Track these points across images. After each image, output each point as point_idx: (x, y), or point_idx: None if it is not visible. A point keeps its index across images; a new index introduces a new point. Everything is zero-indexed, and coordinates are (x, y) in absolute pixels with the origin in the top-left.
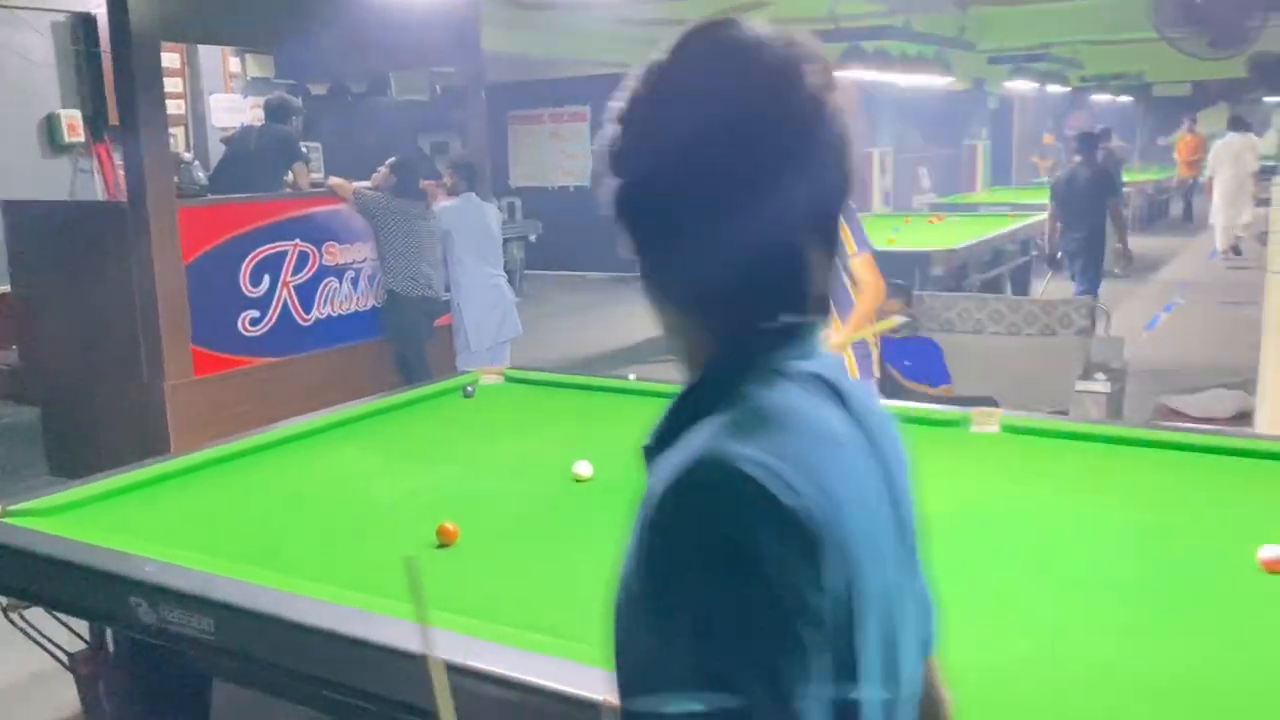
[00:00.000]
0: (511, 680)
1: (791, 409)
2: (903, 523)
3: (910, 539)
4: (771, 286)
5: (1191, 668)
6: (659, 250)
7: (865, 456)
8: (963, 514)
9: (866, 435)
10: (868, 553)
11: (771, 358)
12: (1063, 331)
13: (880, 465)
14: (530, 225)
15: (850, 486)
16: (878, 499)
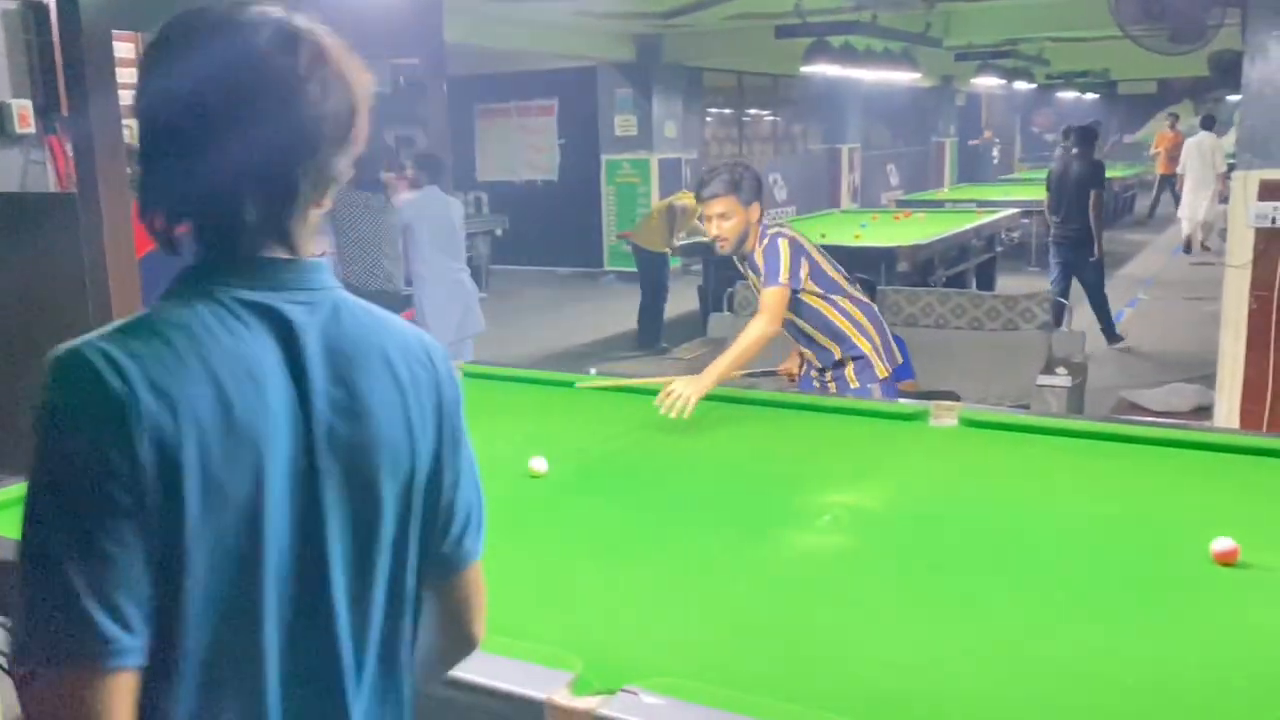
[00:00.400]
0: (455, 680)
1: (179, 324)
2: (357, 449)
3: (401, 462)
4: (210, 224)
5: (1145, 658)
6: (143, 179)
7: (275, 382)
8: (920, 508)
9: (298, 368)
10: (224, 455)
11: (206, 282)
12: (1025, 326)
13: (300, 395)
14: (497, 220)
15: (207, 393)
16: (274, 421)
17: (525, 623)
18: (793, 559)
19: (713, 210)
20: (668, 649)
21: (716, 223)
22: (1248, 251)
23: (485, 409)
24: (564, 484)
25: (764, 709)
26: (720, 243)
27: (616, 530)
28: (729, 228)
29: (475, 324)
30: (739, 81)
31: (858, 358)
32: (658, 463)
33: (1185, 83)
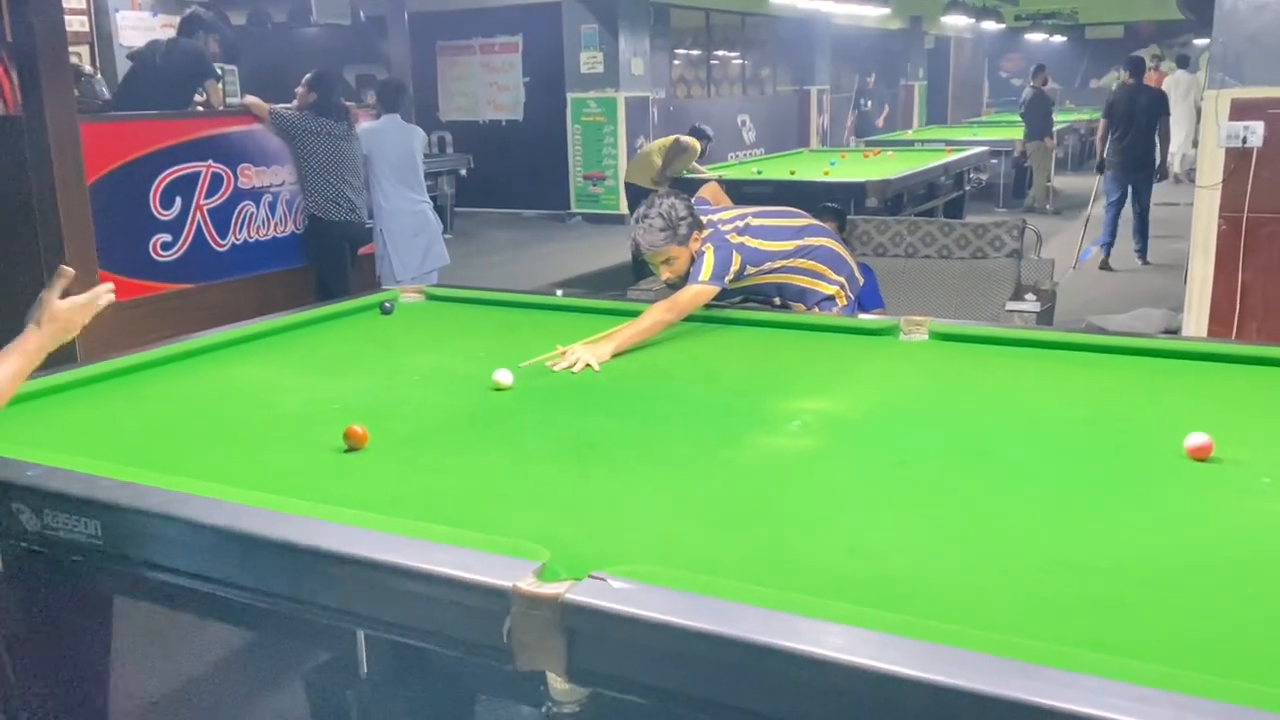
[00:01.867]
0: (422, 572)
1: None
2: None
3: None
4: None
5: (1120, 545)
6: None
7: None
8: (890, 413)
9: None
10: None
11: None
12: (994, 254)
13: None
14: (461, 159)
15: None
16: None
17: (493, 519)
18: (763, 459)
19: (658, 259)
20: (638, 541)
21: (664, 269)
22: (1218, 172)
23: (450, 329)
24: (533, 397)
25: (732, 591)
26: (673, 279)
27: (587, 437)
28: (678, 268)
29: (439, 257)
30: (707, 20)
31: (822, 301)
32: (627, 376)
33: (1152, 27)
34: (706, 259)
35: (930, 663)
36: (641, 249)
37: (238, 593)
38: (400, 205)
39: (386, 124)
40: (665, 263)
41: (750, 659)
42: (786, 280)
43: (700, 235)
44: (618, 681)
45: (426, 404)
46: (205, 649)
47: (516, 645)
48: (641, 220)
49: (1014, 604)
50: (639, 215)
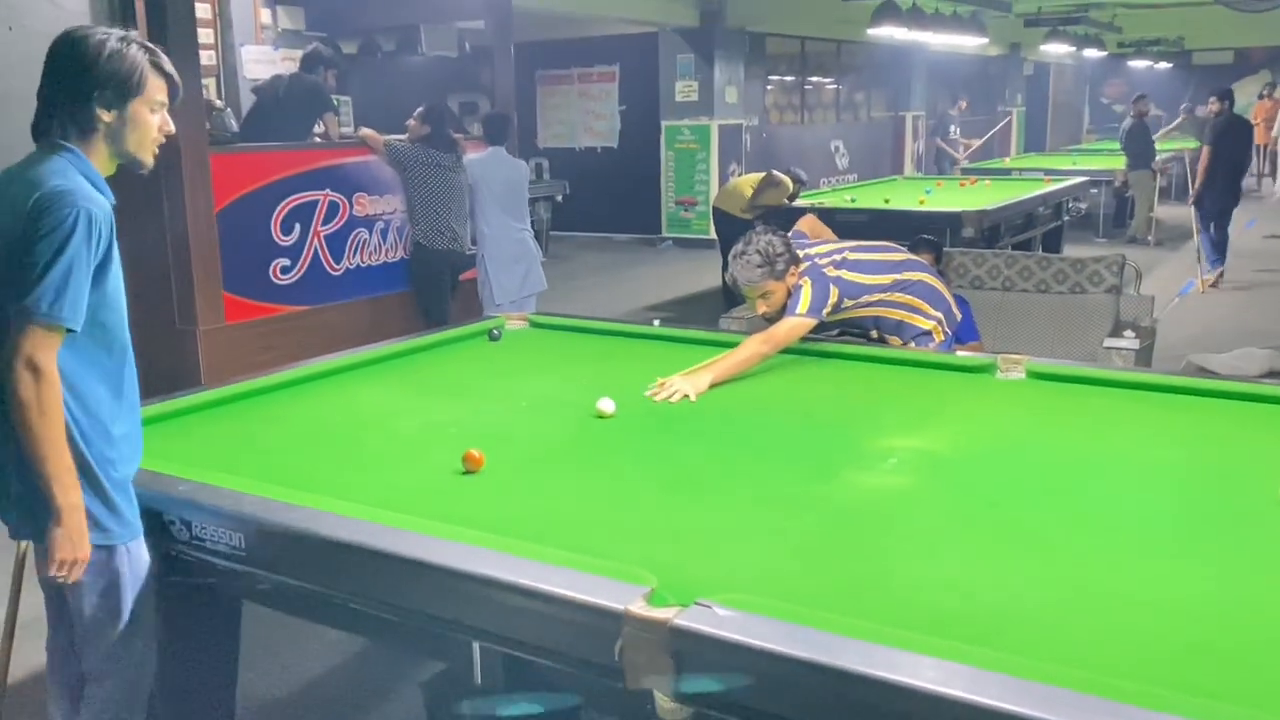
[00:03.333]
0: (539, 592)
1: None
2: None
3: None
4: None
5: (1209, 589)
6: None
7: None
8: (985, 452)
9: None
10: None
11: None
12: (1092, 289)
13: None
14: (557, 185)
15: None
16: None
17: (601, 543)
18: (859, 495)
19: (755, 294)
20: (738, 571)
21: (760, 303)
22: None
23: (554, 356)
24: (634, 425)
25: (830, 623)
26: (770, 313)
27: (687, 466)
28: (773, 302)
29: (538, 282)
30: (802, 47)
31: (919, 336)
32: (725, 407)
33: (1263, 52)
34: (805, 292)
35: (1022, 697)
36: (739, 284)
37: (366, 603)
38: (502, 233)
39: (492, 156)
40: (762, 297)
41: (848, 688)
42: (883, 314)
43: (797, 270)
44: (720, 703)
45: (535, 429)
46: (324, 654)
47: (627, 665)
48: (739, 256)
49: (1103, 643)
50: (737, 251)
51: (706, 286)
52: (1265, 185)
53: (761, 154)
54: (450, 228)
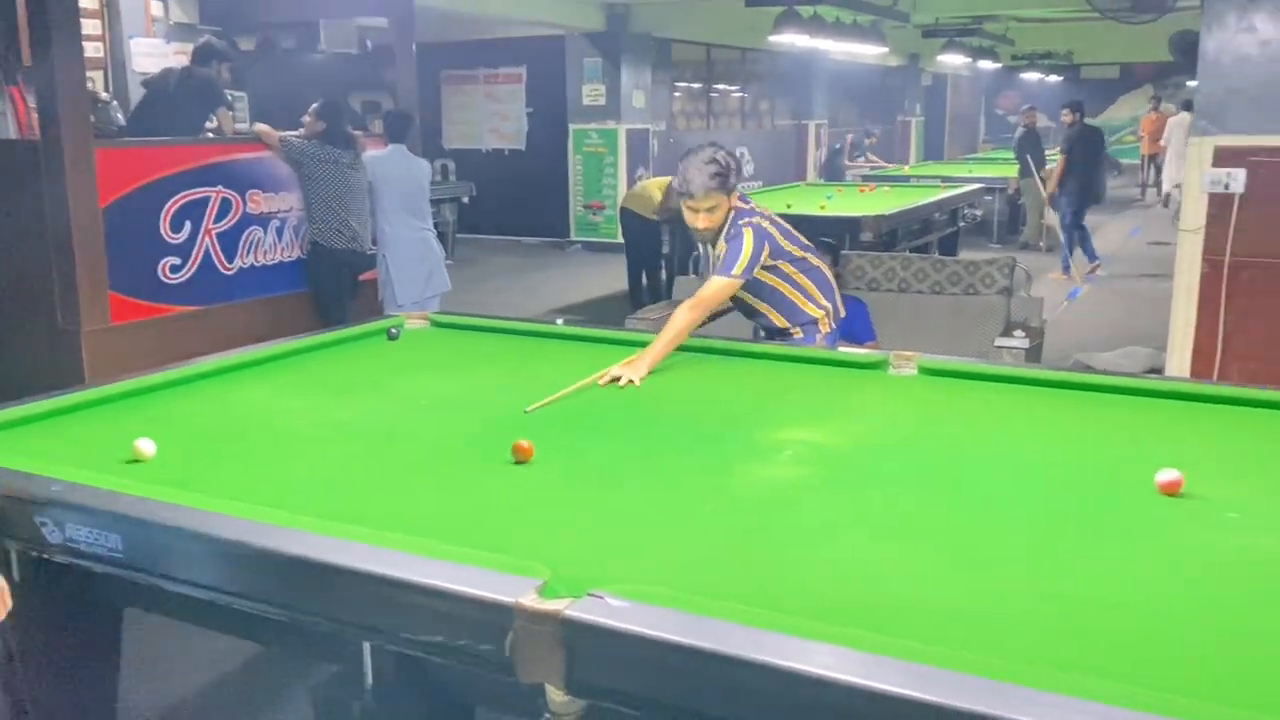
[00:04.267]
0: (430, 588)
1: None
2: None
3: None
4: None
5: (1090, 574)
6: None
7: None
8: (878, 445)
9: None
10: None
11: None
12: (984, 291)
13: None
14: (463, 187)
15: None
16: None
17: (499, 540)
18: (755, 487)
19: (703, 205)
20: (635, 563)
21: (704, 216)
22: (1201, 216)
23: (454, 355)
24: (535, 424)
25: (724, 610)
26: (703, 233)
27: (587, 461)
28: (714, 219)
29: (441, 283)
30: (707, 54)
31: (805, 323)
32: (625, 405)
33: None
34: (746, 245)
35: (907, 679)
36: (689, 190)
37: (250, 605)
38: (404, 233)
39: (393, 154)
40: (708, 210)
41: (739, 675)
42: (782, 289)
43: (736, 197)
44: (613, 694)
45: (434, 429)
46: (211, 662)
47: (518, 658)
48: (695, 160)
49: (996, 628)
50: (690, 153)
51: (615, 289)
52: (1149, 194)
53: (669, 159)
54: (349, 226)
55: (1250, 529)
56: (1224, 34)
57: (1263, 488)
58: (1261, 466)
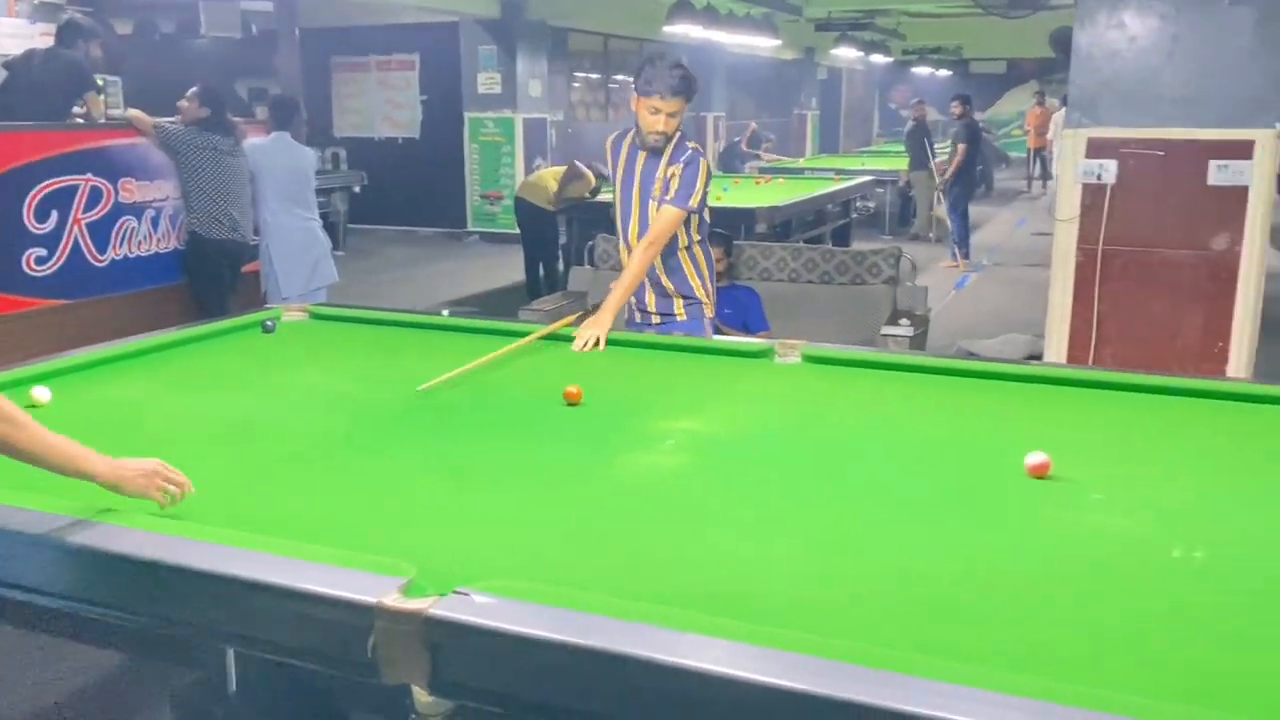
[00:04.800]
0: (290, 590)
1: None
2: None
3: None
4: None
5: (960, 556)
6: None
7: None
8: (760, 433)
9: None
10: None
11: None
12: (872, 281)
13: None
14: (354, 175)
15: None
16: None
17: (365, 538)
18: (635, 477)
19: (665, 108)
20: (507, 558)
21: (664, 120)
22: (1075, 207)
23: (332, 348)
24: (412, 417)
25: (593, 604)
26: (657, 137)
27: (463, 455)
28: (670, 125)
29: (328, 274)
30: (605, 45)
31: (688, 298)
32: (506, 396)
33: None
34: (701, 175)
35: (776, 667)
36: (656, 88)
37: (104, 613)
38: (287, 222)
39: (276, 141)
40: (670, 114)
41: (608, 669)
42: (681, 252)
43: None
44: (482, 694)
45: (304, 423)
46: (69, 673)
47: (381, 660)
48: (661, 64)
49: (864, 613)
50: (650, 59)
51: (513, 280)
52: (1035, 187)
53: (567, 148)
54: (229, 216)
55: (1112, 510)
56: (1095, 29)
57: (1127, 470)
58: (1128, 449)
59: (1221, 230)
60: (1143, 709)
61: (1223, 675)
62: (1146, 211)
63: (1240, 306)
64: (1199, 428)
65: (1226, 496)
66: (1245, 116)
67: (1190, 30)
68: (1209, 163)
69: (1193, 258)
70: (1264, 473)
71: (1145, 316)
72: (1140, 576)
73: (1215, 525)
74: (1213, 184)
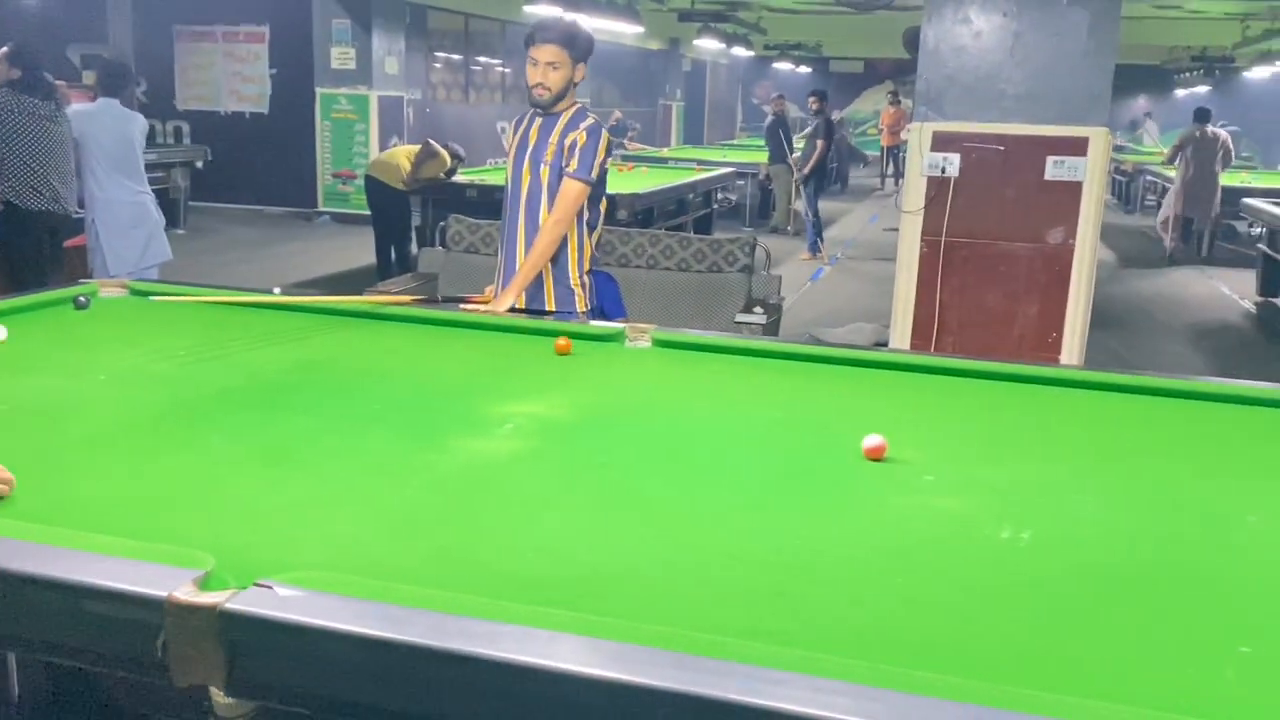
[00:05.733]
0: (71, 585)
1: None
2: None
3: None
4: None
5: (795, 539)
6: None
7: None
8: (603, 418)
9: None
10: None
11: None
12: (727, 269)
13: None
14: (197, 151)
15: None
16: None
17: (166, 528)
18: (467, 462)
19: (544, 56)
20: (320, 547)
21: (544, 69)
22: (921, 199)
23: (150, 326)
24: (229, 398)
25: (406, 595)
26: (540, 90)
27: (283, 440)
28: (556, 78)
29: (161, 251)
30: (466, 25)
31: (563, 285)
32: (333, 377)
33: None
34: (601, 146)
35: (598, 657)
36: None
37: None
38: (116, 195)
39: (103, 108)
40: (550, 64)
41: (420, 664)
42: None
43: (583, 73)
44: (284, 693)
45: (110, 405)
46: None
47: (173, 659)
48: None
49: (694, 599)
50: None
51: (365, 262)
52: (888, 185)
53: (425, 129)
54: (49, 185)
55: (942, 491)
56: (942, 25)
57: (959, 451)
58: (962, 431)
59: (1057, 224)
60: (967, 690)
61: (1043, 654)
62: (988, 204)
63: (1073, 298)
64: (1033, 413)
65: (1057, 479)
66: (1081, 114)
67: (1031, 28)
68: (1046, 158)
69: (1029, 250)
70: (1094, 455)
71: (985, 306)
72: (969, 557)
73: (1044, 506)
74: (1050, 178)
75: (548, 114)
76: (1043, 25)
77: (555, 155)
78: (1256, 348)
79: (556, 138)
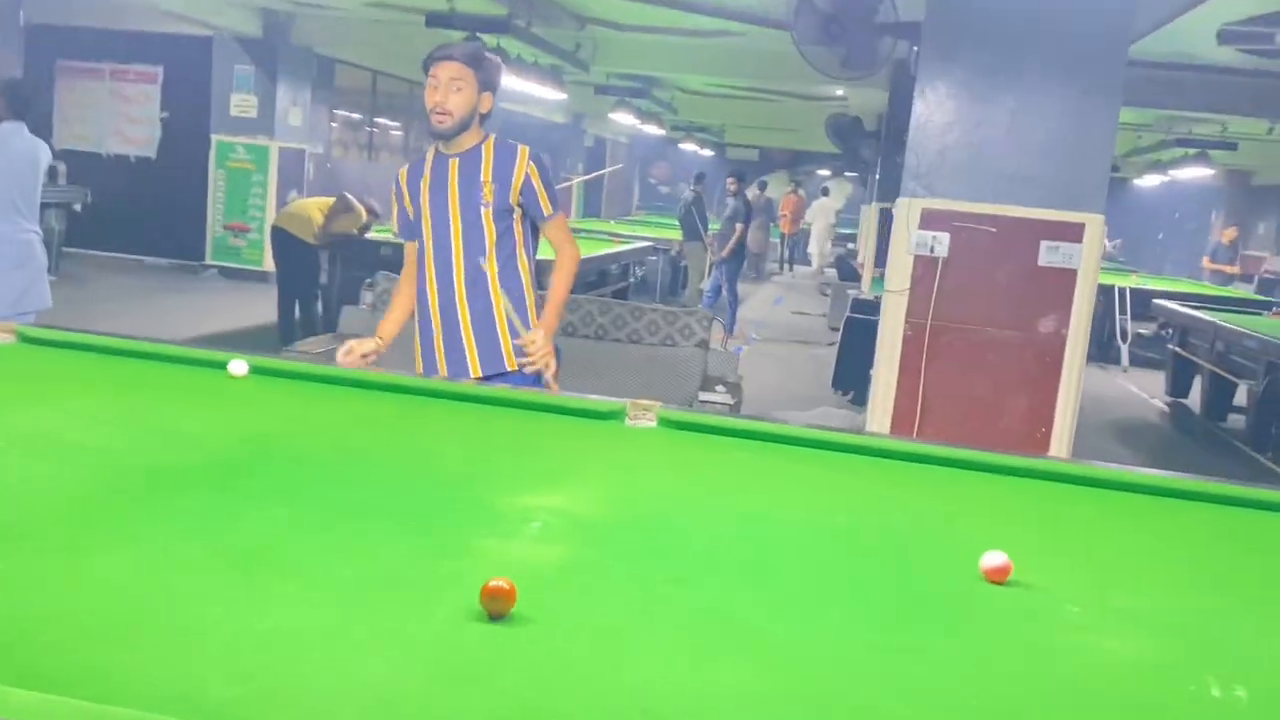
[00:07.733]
0: None
1: None
2: None
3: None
4: None
5: (947, 692)
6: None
7: None
8: (642, 517)
9: None
10: None
11: None
12: (683, 343)
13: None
14: (75, 193)
15: None
16: None
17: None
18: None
19: (446, 73)
20: (343, 702)
21: (445, 90)
22: (906, 279)
23: (53, 382)
24: (181, 476)
25: None
26: (441, 116)
27: (251, 536)
28: (457, 101)
29: (41, 298)
30: (373, 83)
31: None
32: (308, 454)
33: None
34: (545, 180)
35: None
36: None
37: None
38: (6, 230)
39: (13, 130)
40: (452, 80)
41: None
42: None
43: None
44: None
45: (21, 483)
46: None
47: None
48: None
49: None
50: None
51: (259, 320)
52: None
53: (326, 184)
54: None
55: (1098, 626)
56: (936, 96)
57: (1092, 575)
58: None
59: (1049, 312)
60: None
61: None
62: (977, 288)
63: (1064, 391)
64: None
65: (1231, 611)
66: (1077, 199)
67: (1027, 108)
68: (1040, 243)
69: (1020, 338)
70: (1260, 581)
71: (971, 395)
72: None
73: (1238, 650)
74: (1043, 264)
75: (464, 152)
76: (1040, 106)
77: (496, 195)
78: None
79: (489, 176)
